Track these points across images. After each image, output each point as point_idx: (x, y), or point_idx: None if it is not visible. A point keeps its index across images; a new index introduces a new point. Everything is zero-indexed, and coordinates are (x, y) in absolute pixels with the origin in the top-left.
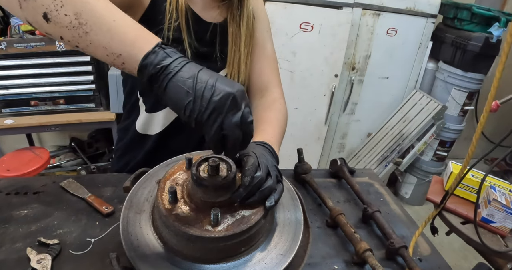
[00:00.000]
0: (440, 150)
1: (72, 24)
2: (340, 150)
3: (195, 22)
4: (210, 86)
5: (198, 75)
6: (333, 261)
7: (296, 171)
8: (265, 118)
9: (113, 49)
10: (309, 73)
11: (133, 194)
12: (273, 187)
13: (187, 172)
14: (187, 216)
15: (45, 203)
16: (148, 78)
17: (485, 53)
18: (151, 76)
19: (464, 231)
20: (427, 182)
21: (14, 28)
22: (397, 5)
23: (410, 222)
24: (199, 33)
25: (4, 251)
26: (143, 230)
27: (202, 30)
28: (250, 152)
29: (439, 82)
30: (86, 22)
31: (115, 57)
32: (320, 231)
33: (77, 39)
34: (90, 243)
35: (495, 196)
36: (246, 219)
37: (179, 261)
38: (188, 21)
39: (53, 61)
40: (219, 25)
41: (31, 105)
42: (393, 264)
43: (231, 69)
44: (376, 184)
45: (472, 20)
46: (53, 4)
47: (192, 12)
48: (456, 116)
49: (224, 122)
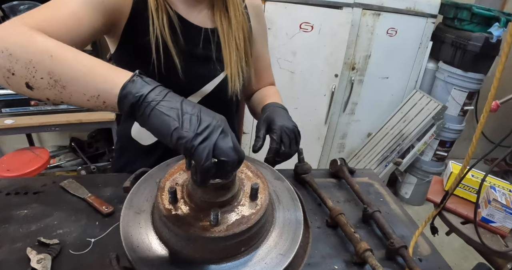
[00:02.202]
0: (440, 150)
1: (50, 84)
2: (340, 150)
3: (183, 26)
4: (196, 116)
5: (182, 105)
6: (333, 261)
7: (296, 171)
8: (269, 92)
9: (91, 92)
10: (309, 73)
11: (133, 194)
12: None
13: (187, 171)
14: (187, 216)
15: (45, 203)
16: (129, 108)
17: (485, 53)
18: (132, 106)
19: (464, 231)
20: (427, 182)
21: None
22: (397, 5)
23: (410, 222)
24: (190, 37)
25: (4, 251)
26: (143, 230)
27: (193, 34)
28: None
29: (439, 82)
30: (59, 78)
31: (95, 99)
32: (320, 231)
33: (60, 95)
34: (90, 243)
35: (495, 196)
36: (246, 219)
37: (179, 261)
38: (174, 25)
39: None
40: (211, 31)
41: (31, 105)
42: (393, 264)
43: (230, 70)
44: (376, 184)
45: (472, 20)
46: (29, 72)
47: (178, 16)
48: (456, 116)
49: (218, 147)
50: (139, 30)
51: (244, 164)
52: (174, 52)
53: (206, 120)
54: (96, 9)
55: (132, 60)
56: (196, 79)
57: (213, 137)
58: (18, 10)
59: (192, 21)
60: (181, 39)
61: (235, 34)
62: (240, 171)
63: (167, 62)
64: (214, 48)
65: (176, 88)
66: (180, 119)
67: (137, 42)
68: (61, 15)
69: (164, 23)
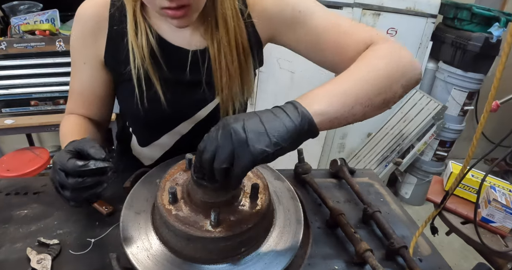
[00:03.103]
0: (440, 150)
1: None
2: (340, 150)
3: (167, 51)
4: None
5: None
6: (333, 261)
7: (296, 171)
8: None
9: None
10: (310, 73)
11: (133, 194)
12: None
13: (187, 172)
14: (187, 216)
15: (45, 203)
16: None
17: (485, 53)
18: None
19: (464, 231)
20: (427, 182)
21: (14, 28)
22: (397, 5)
23: (410, 222)
24: (175, 62)
25: (4, 251)
26: (143, 230)
27: (178, 58)
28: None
29: (439, 82)
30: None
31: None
32: (320, 231)
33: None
34: (90, 243)
35: (495, 196)
36: (246, 219)
37: (179, 261)
38: (154, 52)
39: (53, 61)
40: (201, 52)
41: (31, 105)
42: (394, 264)
43: (222, 95)
44: (376, 184)
45: (472, 20)
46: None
47: (161, 41)
48: (456, 117)
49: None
50: (118, 59)
51: None
52: (156, 81)
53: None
54: (89, 63)
55: (119, 94)
56: (185, 107)
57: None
58: (18, 10)
59: (178, 44)
60: (164, 67)
61: (226, 54)
62: None
63: (150, 94)
64: (204, 71)
65: (161, 118)
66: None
67: (118, 71)
68: (77, 92)
69: (144, 51)
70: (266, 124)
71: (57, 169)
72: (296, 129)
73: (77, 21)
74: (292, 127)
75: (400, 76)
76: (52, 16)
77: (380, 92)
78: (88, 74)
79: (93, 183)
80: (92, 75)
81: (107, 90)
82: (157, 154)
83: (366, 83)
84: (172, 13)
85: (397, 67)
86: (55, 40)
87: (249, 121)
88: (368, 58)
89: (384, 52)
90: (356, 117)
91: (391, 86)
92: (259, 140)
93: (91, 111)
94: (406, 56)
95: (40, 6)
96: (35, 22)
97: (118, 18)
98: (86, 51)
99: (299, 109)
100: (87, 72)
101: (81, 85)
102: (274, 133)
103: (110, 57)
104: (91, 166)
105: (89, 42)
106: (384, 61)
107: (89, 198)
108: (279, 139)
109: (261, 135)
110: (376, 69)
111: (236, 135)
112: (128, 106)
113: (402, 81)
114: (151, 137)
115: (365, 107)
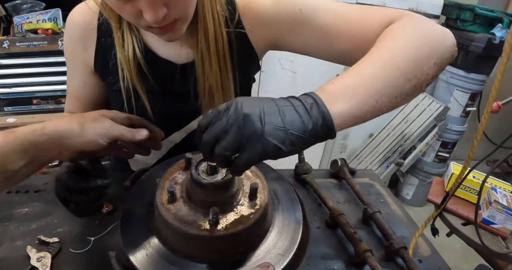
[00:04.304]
0: (442, 151)
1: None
2: (342, 150)
3: (156, 64)
4: None
5: None
6: (332, 262)
7: (297, 171)
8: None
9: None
10: (311, 73)
11: (133, 193)
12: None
13: (186, 171)
14: (186, 215)
15: (45, 202)
16: None
17: (488, 54)
18: None
19: (464, 232)
20: (429, 183)
21: (17, 27)
22: (400, 6)
23: (410, 223)
24: (164, 75)
25: (4, 249)
26: (142, 229)
27: (166, 71)
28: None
29: (442, 83)
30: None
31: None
32: (319, 231)
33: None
34: (90, 242)
35: (496, 197)
36: (245, 219)
37: (178, 260)
38: (141, 65)
39: (55, 60)
40: (190, 65)
41: (33, 104)
42: (393, 265)
43: (204, 101)
44: (377, 184)
45: (475, 21)
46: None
47: (149, 55)
48: (458, 118)
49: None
50: (106, 68)
51: None
52: (142, 93)
53: None
54: (79, 69)
55: (111, 102)
56: (175, 118)
57: None
58: (21, 9)
59: (166, 56)
60: (151, 80)
61: (205, 60)
62: None
63: (138, 106)
64: (192, 82)
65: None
66: None
67: (106, 79)
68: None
69: (130, 65)
70: (286, 118)
71: (60, 187)
72: (315, 132)
73: (67, 27)
74: (311, 129)
75: (431, 53)
76: (55, 15)
77: (409, 78)
78: (79, 80)
79: (96, 197)
80: (84, 81)
81: (100, 94)
82: (151, 161)
83: (392, 70)
84: (159, 31)
85: (425, 44)
86: (57, 39)
87: (268, 111)
88: (389, 39)
89: (406, 29)
90: (383, 110)
91: (421, 68)
92: (276, 134)
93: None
94: (433, 29)
95: (43, 5)
96: (38, 21)
97: (106, 29)
98: (76, 58)
99: (321, 109)
100: (78, 78)
101: (75, 89)
102: (293, 131)
103: (99, 67)
104: (92, 184)
105: (78, 49)
106: (409, 40)
107: (93, 210)
108: (297, 138)
109: (279, 130)
110: (400, 51)
111: (251, 124)
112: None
113: (434, 59)
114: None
115: (393, 99)
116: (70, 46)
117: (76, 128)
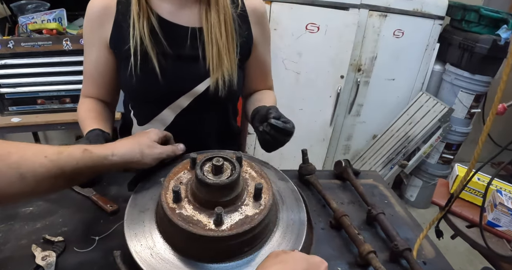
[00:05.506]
0: (446, 152)
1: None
2: (345, 151)
3: (167, 28)
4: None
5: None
6: (336, 263)
7: (301, 172)
8: (265, 95)
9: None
10: (315, 74)
11: (138, 193)
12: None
13: (191, 171)
14: (191, 215)
15: (50, 201)
16: None
17: (493, 56)
18: None
19: (469, 234)
20: (433, 185)
21: (22, 27)
22: (404, 7)
23: (414, 225)
24: (175, 38)
25: (9, 248)
26: (147, 228)
27: (178, 35)
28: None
29: (446, 84)
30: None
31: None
32: (323, 232)
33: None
34: (95, 241)
35: (502, 199)
36: (249, 219)
37: (183, 259)
38: (155, 29)
39: (60, 60)
40: (199, 29)
41: (37, 104)
42: (397, 266)
43: (212, 65)
44: (381, 185)
45: (480, 22)
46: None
47: (161, 20)
48: (463, 119)
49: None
50: (122, 38)
51: (248, 163)
52: (153, 55)
53: None
54: (96, 45)
55: (120, 72)
56: (183, 80)
57: None
58: (26, 9)
59: (178, 22)
60: (164, 42)
61: (215, 32)
62: (244, 171)
63: (146, 67)
64: (201, 47)
65: (158, 91)
66: None
67: (121, 50)
68: (88, 74)
69: (144, 28)
70: None
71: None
72: None
73: (87, 10)
74: None
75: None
76: (59, 16)
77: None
78: (95, 56)
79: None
80: (99, 57)
81: (112, 71)
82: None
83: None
84: None
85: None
86: (62, 39)
87: None
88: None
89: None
90: None
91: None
92: None
93: (100, 93)
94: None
95: (48, 5)
96: (43, 21)
97: (124, 7)
98: (92, 35)
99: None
100: (94, 55)
101: (91, 67)
102: None
103: (114, 38)
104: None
105: (95, 27)
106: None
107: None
108: None
109: None
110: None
111: None
112: (124, 79)
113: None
114: (151, 112)
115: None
116: (88, 26)
117: (138, 157)
